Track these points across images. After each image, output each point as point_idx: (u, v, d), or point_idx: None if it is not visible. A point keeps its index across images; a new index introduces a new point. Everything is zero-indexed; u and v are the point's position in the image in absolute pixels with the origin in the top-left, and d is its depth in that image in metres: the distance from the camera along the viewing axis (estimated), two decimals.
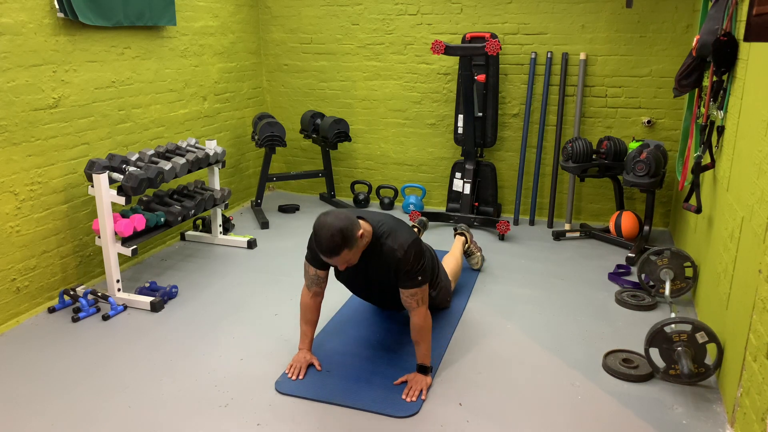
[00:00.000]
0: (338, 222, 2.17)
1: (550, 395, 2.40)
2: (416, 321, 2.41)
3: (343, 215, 2.22)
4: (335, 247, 2.17)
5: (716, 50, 2.68)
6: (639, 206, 4.34)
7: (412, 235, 2.43)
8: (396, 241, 2.37)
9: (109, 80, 3.49)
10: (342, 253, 2.19)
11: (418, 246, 2.40)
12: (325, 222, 2.19)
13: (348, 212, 2.26)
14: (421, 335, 2.43)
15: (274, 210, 4.86)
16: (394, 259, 2.36)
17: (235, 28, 4.69)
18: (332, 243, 2.16)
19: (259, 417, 2.27)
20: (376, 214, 2.50)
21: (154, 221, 3.28)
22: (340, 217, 2.20)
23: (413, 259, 2.36)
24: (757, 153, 2.14)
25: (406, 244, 2.36)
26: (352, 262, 2.32)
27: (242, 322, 3.01)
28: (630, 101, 4.22)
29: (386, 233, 2.39)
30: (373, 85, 4.84)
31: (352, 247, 2.22)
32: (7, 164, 2.92)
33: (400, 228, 2.44)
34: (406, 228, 2.48)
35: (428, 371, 2.46)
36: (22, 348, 2.78)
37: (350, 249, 2.21)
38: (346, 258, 2.24)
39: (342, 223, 2.18)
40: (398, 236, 2.38)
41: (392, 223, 2.45)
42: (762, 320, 1.90)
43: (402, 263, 2.35)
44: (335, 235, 2.15)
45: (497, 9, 4.35)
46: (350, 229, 2.19)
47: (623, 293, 3.22)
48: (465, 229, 3.65)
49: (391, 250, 2.36)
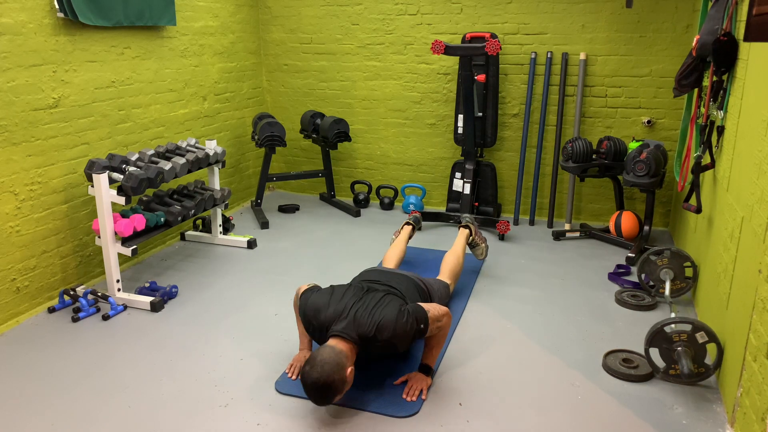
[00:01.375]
0: (324, 377, 2.09)
1: (550, 395, 2.40)
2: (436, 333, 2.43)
3: (329, 365, 2.11)
4: (326, 400, 2.15)
5: (716, 50, 2.68)
6: (639, 206, 4.35)
7: (392, 310, 2.29)
8: (383, 332, 2.24)
9: (109, 80, 3.49)
10: (334, 400, 2.18)
11: (402, 316, 2.28)
12: (310, 378, 2.11)
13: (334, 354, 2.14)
14: (437, 339, 2.44)
15: (274, 210, 4.86)
16: (393, 343, 2.28)
17: (235, 28, 4.69)
18: (323, 397, 2.14)
19: (259, 417, 2.27)
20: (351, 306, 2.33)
21: (154, 221, 3.28)
22: (326, 370, 2.10)
23: (408, 330, 2.27)
24: (757, 153, 2.14)
25: (390, 329, 2.24)
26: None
27: (242, 322, 3.01)
28: (630, 101, 4.22)
29: (370, 333, 2.24)
30: (373, 85, 4.84)
31: (343, 390, 2.18)
32: (7, 164, 2.92)
33: (378, 311, 2.29)
34: (384, 304, 2.34)
35: (430, 371, 2.46)
36: (22, 348, 2.78)
37: (341, 394, 2.18)
38: (339, 398, 2.22)
39: (329, 378, 2.10)
40: (382, 327, 2.25)
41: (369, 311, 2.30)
42: (762, 320, 1.90)
43: (400, 342, 2.29)
44: (324, 391, 2.11)
45: (497, 9, 4.35)
46: (339, 379, 2.12)
47: (623, 293, 3.22)
48: (470, 220, 3.59)
49: (385, 342, 2.26)
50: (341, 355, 2.17)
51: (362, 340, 2.26)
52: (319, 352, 2.17)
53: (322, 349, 2.19)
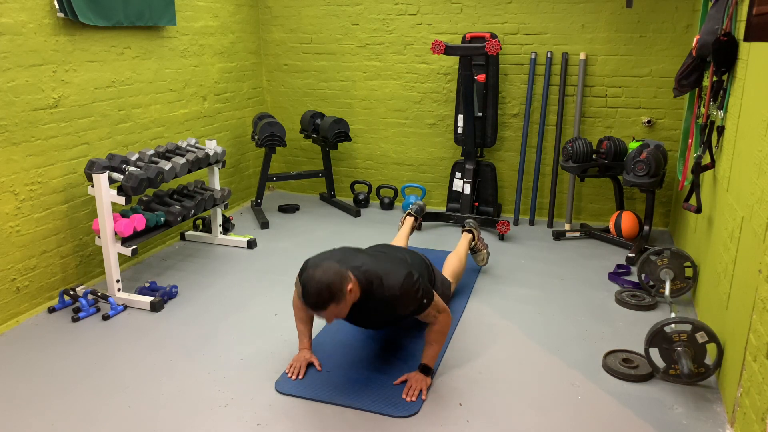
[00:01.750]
0: (326, 277, 2.11)
1: (550, 395, 2.40)
2: (435, 327, 2.43)
3: (333, 269, 2.15)
4: (322, 303, 2.12)
5: (716, 50, 2.68)
6: (639, 206, 4.35)
7: (401, 271, 2.31)
8: (389, 286, 2.27)
9: (109, 80, 3.49)
10: (329, 308, 2.14)
11: (411, 277, 2.30)
12: (313, 276, 2.13)
13: (338, 265, 2.18)
14: (437, 337, 2.44)
15: (274, 210, 4.86)
16: (393, 306, 2.30)
17: (235, 28, 4.69)
18: (319, 299, 2.11)
19: (259, 417, 2.27)
20: (357, 257, 2.37)
21: (154, 221, 3.28)
22: (329, 272, 2.13)
23: (412, 294, 2.28)
24: (757, 153, 2.14)
25: (398, 286, 2.26)
26: (340, 316, 2.24)
27: (242, 322, 3.01)
28: (630, 101, 4.22)
29: (375, 282, 2.27)
30: (373, 85, 4.84)
31: (340, 301, 2.15)
32: (7, 164, 2.92)
33: (386, 267, 2.33)
34: (391, 262, 2.39)
35: (429, 371, 2.46)
36: (22, 348, 2.78)
37: (337, 304, 2.15)
38: (334, 312, 2.18)
39: (331, 278, 2.11)
40: (388, 279, 2.28)
41: (376, 266, 2.33)
42: (762, 320, 1.90)
43: (403, 305, 2.30)
44: (323, 291, 2.10)
45: (497, 9, 4.35)
46: (339, 284, 2.13)
47: (623, 293, 3.22)
48: (473, 225, 3.58)
49: (387, 299, 2.28)
50: (346, 273, 2.19)
51: (366, 286, 2.26)
52: (326, 262, 2.20)
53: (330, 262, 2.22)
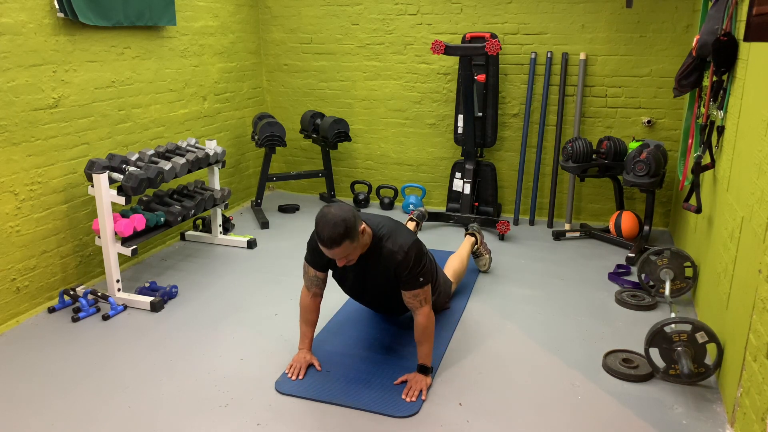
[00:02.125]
0: (341, 213, 2.17)
1: (550, 395, 2.40)
2: (420, 321, 2.41)
3: (346, 207, 2.22)
4: (337, 237, 2.15)
5: (716, 50, 2.68)
6: (639, 206, 4.34)
7: (412, 236, 2.43)
8: (396, 243, 2.36)
9: (109, 80, 3.49)
10: (344, 243, 2.17)
11: (419, 247, 2.40)
12: (328, 212, 2.19)
13: (353, 209, 2.26)
14: (425, 335, 2.43)
15: (274, 210, 4.86)
16: (395, 261, 2.35)
17: (235, 28, 4.69)
18: (335, 232, 2.14)
19: (259, 417, 2.27)
20: (375, 216, 2.49)
21: (154, 221, 3.28)
22: (344, 209, 2.20)
23: (414, 260, 2.36)
24: (757, 153, 2.14)
25: (407, 246, 2.36)
26: (351, 258, 2.29)
27: (242, 322, 3.01)
28: (630, 101, 4.22)
29: (386, 235, 2.39)
30: (373, 85, 4.84)
31: (354, 239, 2.20)
32: (7, 164, 2.92)
33: (400, 230, 2.44)
34: (406, 230, 2.47)
35: (429, 371, 2.46)
36: (22, 348, 2.78)
37: (352, 241, 2.19)
38: (347, 251, 2.21)
39: (345, 214, 2.17)
40: (398, 238, 2.38)
41: (391, 225, 2.45)
42: (762, 320, 1.90)
43: (402, 265, 2.35)
44: (338, 224, 2.14)
45: (497, 9, 4.35)
46: (353, 221, 2.19)
47: (623, 293, 3.22)
48: (476, 229, 3.59)
49: (391, 252, 2.35)
50: (359, 215, 2.26)
51: (377, 235, 2.36)
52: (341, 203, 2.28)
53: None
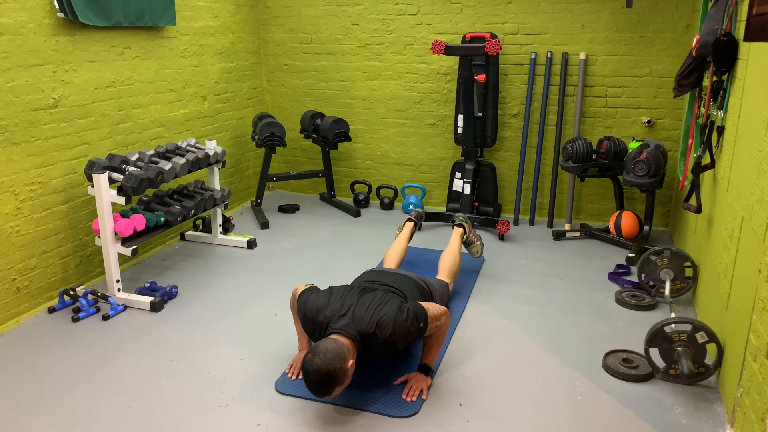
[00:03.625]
0: (326, 365, 2.10)
1: (550, 395, 2.40)
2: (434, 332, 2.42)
3: (330, 354, 2.12)
4: (327, 390, 2.14)
5: (716, 50, 2.68)
6: (639, 206, 4.34)
7: (392, 308, 2.30)
8: (384, 334, 2.25)
9: (109, 80, 3.49)
10: (334, 391, 2.16)
11: (402, 314, 2.28)
12: (312, 365, 2.11)
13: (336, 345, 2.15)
14: (436, 338, 2.44)
15: (274, 210, 4.86)
16: (393, 343, 2.29)
17: (235, 28, 4.69)
18: (323, 387, 2.13)
19: (259, 417, 2.27)
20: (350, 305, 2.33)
21: (154, 221, 3.28)
22: (328, 358, 2.11)
23: (407, 329, 2.28)
24: (757, 153, 2.14)
25: (393, 328, 2.25)
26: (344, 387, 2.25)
27: (242, 322, 3.01)
28: (630, 101, 4.22)
29: (371, 332, 2.25)
30: (373, 85, 4.84)
31: (344, 382, 2.17)
32: (7, 164, 2.92)
33: (379, 310, 2.30)
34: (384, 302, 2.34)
35: (430, 371, 2.46)
36: (22, 348, 2.78)
37: (342, 385, 2.17)
38: (339, 390, 2.20)
39: (331, 366, 2.10)
40: (382, 326, 2.26)
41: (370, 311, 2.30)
42: (762, 320, 1.90)
43: (401, 341, 2.30)
44: (325, 380, 2.11)
45: (497, 9, 4.35)
46: (340, 369, 2.12)
47: (623, 293, 3.22)
48: (463, 219, 3.60)
49: (386, 341, 2.27)
50: (343, 347, 2.18)
51: (362, 338, 2.27)
52: (322, 342, 2.18)
53: (325, 340, 2.20)
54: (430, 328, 2.36)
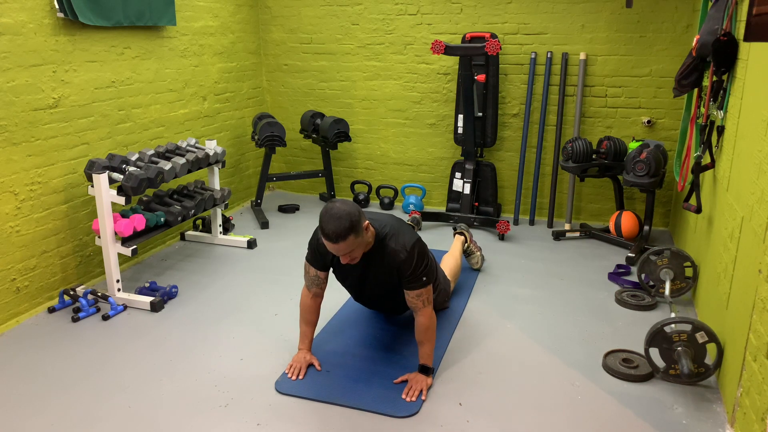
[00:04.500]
0: (346, 207, 2.17)
1: (550, 395, 2.40)
2: (422, 321, 2.41)
3: (350, 203, 2.22)
4: (342, 231, 2.13)
5: (716, 50, 2.68)
6: (639, 206, 4.34)
7: (414, 235, 2.43)
8: (399, 242, 2.36)
9: (109, 80, 3.49)
10: (349, 238, 2.15)
11: (421, 246, 2.41)
12: (333, 206, 2.18)
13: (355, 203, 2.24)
14: (426, 335, 2.43)
15: (274, 210, 4.86)
16: (398, 261, 2.35)
17: (235, 28, 4.69)
18: (340, 226, 2.13)
19: (259, 417, 2.27)
20: (378, 215, 2.49)
21: (154, 221, 3.28)
22: (348, 204, 2.20)
23: (417, 259, 2.36)
24: (757, 153, 2.14)
25: (409, 245, 2.36)
26: (355, 255, 2.27)
27: (242, 322, 3.01)
28: (630, 101, 4.22)
29: (388, 234, 2.39)
30: (373, 85, 4.84)
31: (359, 234, 2.19)
32: (7, 164, 2.92)
33: (402, 229, 2.44)
34: (408, 228, 2.47)
35: (429, 372, 2.46)
36: (22, 348, 2.78)
37: (356, 236, 2.18)
38: (351, 246, 2.19)
39: (350, 209, 2.17)
40: (400, 237, 2.38)
41: (394, 224, 2.45)
42: (762, 320, 1.90)
43: (405, 264, 2.35)
44: (343, 218, 2.13)
45: (497, 9, 4.35)
46: (358, 217, 2.19)
47: (623, 293, 3.22)
48: (464, 228, 3.64)
49: (394, 251, 2.35)
50: (363, 212, 2.26)
51: (380, 234, 2.37)
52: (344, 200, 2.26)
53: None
54: (422, 294, 2.39)
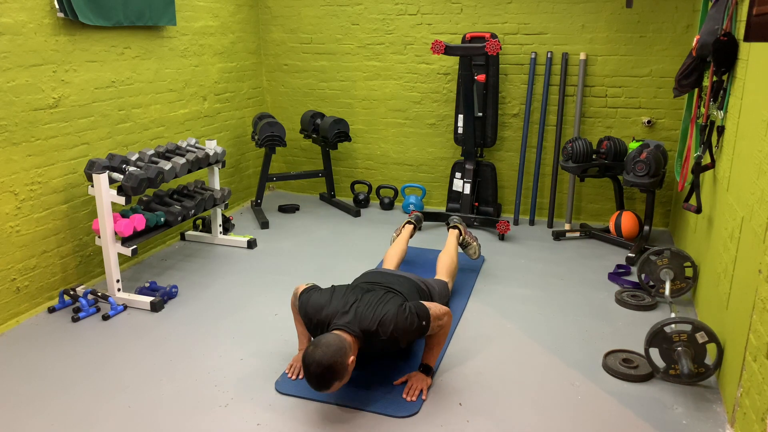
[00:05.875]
0: (327, 358, 2.09)
1: (550, 395, 2.40)
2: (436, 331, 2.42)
3: (332, 348, 2.12)
4: (326, 384, 2.13)
5: (716, 50, 2.68)
6: (639, 206, 4.34)
7: (393, 307, 2.32)
8: (385, 331, 2.26)
9: (109, 80, 3.49)
10: (333, 386, 2.15)
11: (403, 313, 2.30)
12: (313, 357, 2.11)
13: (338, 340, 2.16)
14: (438, 338, 2.44)
15: (274, 210, 4.86)
16: (396, 341, 2.31)
17: (235, 28, 4.69)
18: (323, 381, 2.11)
19: (259, 417, 2.27)
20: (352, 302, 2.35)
21: (154, 221, 3.28)
22: (329, 352, 2.11)
23: (409, 327, 2.29)
24: (757, 153, 2.14)
25: (394, 326, 2.27)
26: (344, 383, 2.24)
27: (242, 322, 3.01)
28: (630, 101, 4.22)
29: (373, 329, 2.27)
30: (373, 85, 4.84)
31: (343, 378, 2.17)
32: (7, 164, 2.92)
33: (380, 308, 2.32)
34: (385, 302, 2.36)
35: (430, 371, 2.46)
36: (22, 348, 2.78)
37: (341, 381, 2.16)
38: (337, 387, 2.19)
39: (331, 359, 2.10)
40: (384, 324, 2.27)
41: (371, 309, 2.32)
42: (762, 320, 1.90)
43: (404, 339, 2.31)
44: (325, 373, 2.10)
45: (497, 9, 4.35)
46: (340, 363, 2.12)
47: (623, 293, 3.22)
48: (457, 221, 3.60)
49: (388, 339, 2.28)
50: (345, 342, 2.18)
51: (365, 335, 2.27)
52: (324, 336, 2.19)
53: (327, 334, 2.21)
54: (432, 327, 2.36)
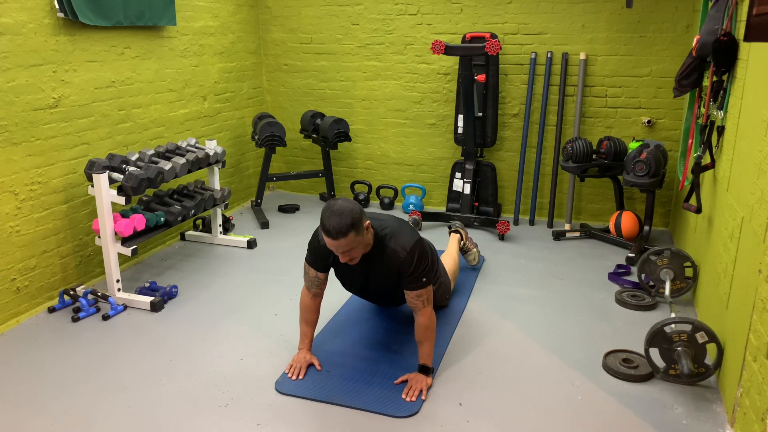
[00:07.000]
0: (348, 204, 2.19)
1: (550, 395, 2.40)
2: (421, 321, 2.41)
3: (352, 201, 2.22)
4: (344, 228, 2.13)
5: (716, 50, 2.68)
6: (639, 206, 4.35)
7: (415, 235, 2.43)
8: (399, 242, 2.36)
9: (109, 80, 3.49)
10: (349, 235, 2.15)
11: (422, 246, 2.40)
12: (335, 203, 2.19)
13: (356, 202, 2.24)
14: (426, 335, 2.43)
15: (274, 210, 4.86)
16: (397, 261, 2.36)
17: (235, 28, 4.69)
18: (341, 223, 2.13)
19: (259, 417, 2.27)
20: (378, 215, 2.50)
21: (154, 221, 3.28)
22: (350, 202, 2.21)
23: (417, 260, 2.36)
24: (757, 153, 2.14)
25: (409, 246, 2.36)
26: (354, 255, 2.27)
27: (242, 322, 3.01)
28: (630, 101, 4.22)
29: (389, 235, 2.39)
30: (373, 85, 4.84)
31: (359, 232, 2.20)
32: (7, 164, 2.92)
33: (403, 229, 2.44)
34: (409, 229, 2.47)
35: (429, 371, 2.46)
36: (22, 348, 2.78)
37: (357, 233, 2.18)
38: (352, 244, 2.20)
39: (352, 206, 2.19)
40: (400, 238, 2.38)
41: (394, 224, 2.45)
42: (762, 320, 1.90)
43: (405, 265, 2.35)
44: (345, 215, 2.14)
45: (497, 9, 4.35)
46: (359, 214, 2.20)
47: (623, 293, 3.22)
48: (459, 226, 3.62)
49: (394, 252, 2.36)
50: (364, 211, 2.26)
51: (380, 235, 2.37)
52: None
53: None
54: (421, 295, 2.39)
